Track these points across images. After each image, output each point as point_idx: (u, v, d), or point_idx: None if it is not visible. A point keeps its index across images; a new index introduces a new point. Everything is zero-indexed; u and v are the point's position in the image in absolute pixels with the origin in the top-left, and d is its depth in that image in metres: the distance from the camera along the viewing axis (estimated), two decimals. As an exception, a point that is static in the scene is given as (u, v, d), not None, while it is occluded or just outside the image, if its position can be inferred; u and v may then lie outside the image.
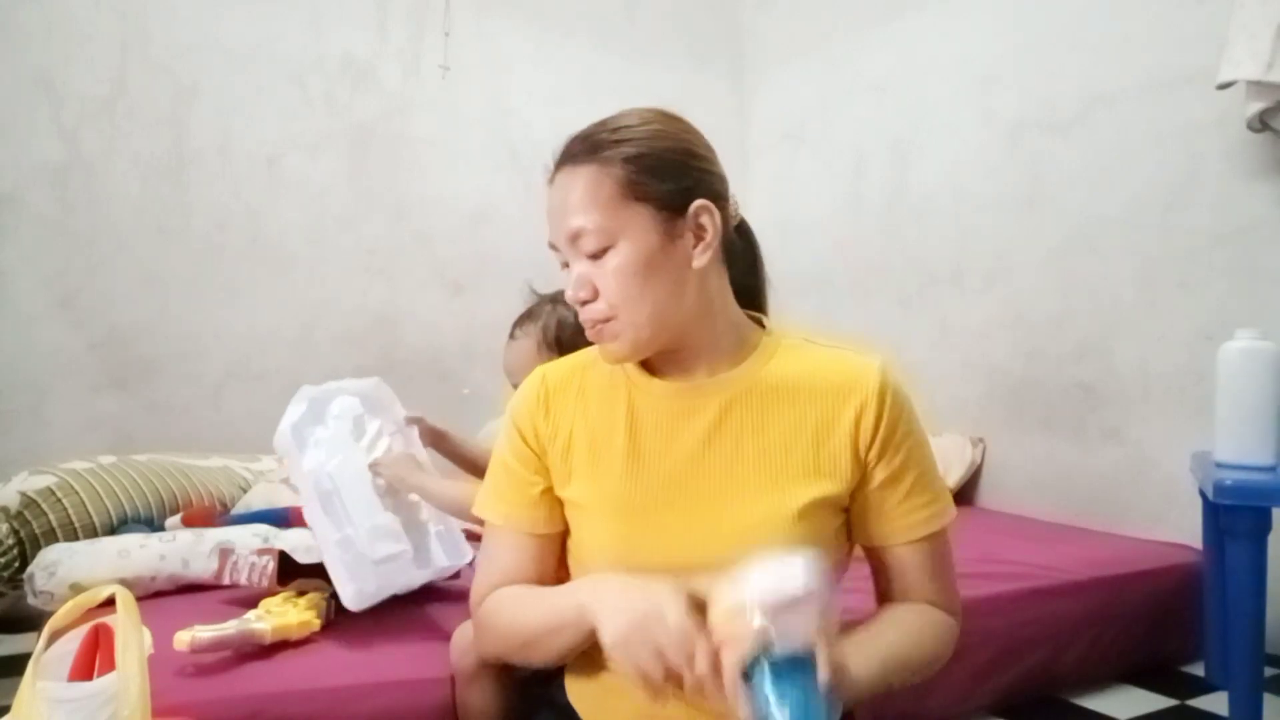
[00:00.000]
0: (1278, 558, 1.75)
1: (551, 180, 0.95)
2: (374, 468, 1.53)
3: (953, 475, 2.79)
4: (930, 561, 0.94)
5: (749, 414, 0.93)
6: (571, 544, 0.98)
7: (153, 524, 2.08)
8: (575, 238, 0.91)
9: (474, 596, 1.00)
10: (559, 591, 0.92)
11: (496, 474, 1.01)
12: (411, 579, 1.53)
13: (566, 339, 1.42)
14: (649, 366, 0.98)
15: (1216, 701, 1.89)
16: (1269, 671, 1.89)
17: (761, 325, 1.01)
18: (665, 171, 0.91)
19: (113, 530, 2.00)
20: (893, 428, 0.92)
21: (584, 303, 0.93)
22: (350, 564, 1.41)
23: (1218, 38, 2.11)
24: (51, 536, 1.92)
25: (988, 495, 2.86)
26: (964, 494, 2.85)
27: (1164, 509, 2.37)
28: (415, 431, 1.66)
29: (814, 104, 3.42)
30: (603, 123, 0.95)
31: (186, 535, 1.89)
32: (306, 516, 1.45)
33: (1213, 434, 1.80)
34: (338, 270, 2.98)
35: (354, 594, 1.41)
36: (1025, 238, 2.75)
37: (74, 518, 1.97)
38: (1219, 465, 1.76)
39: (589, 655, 0.97)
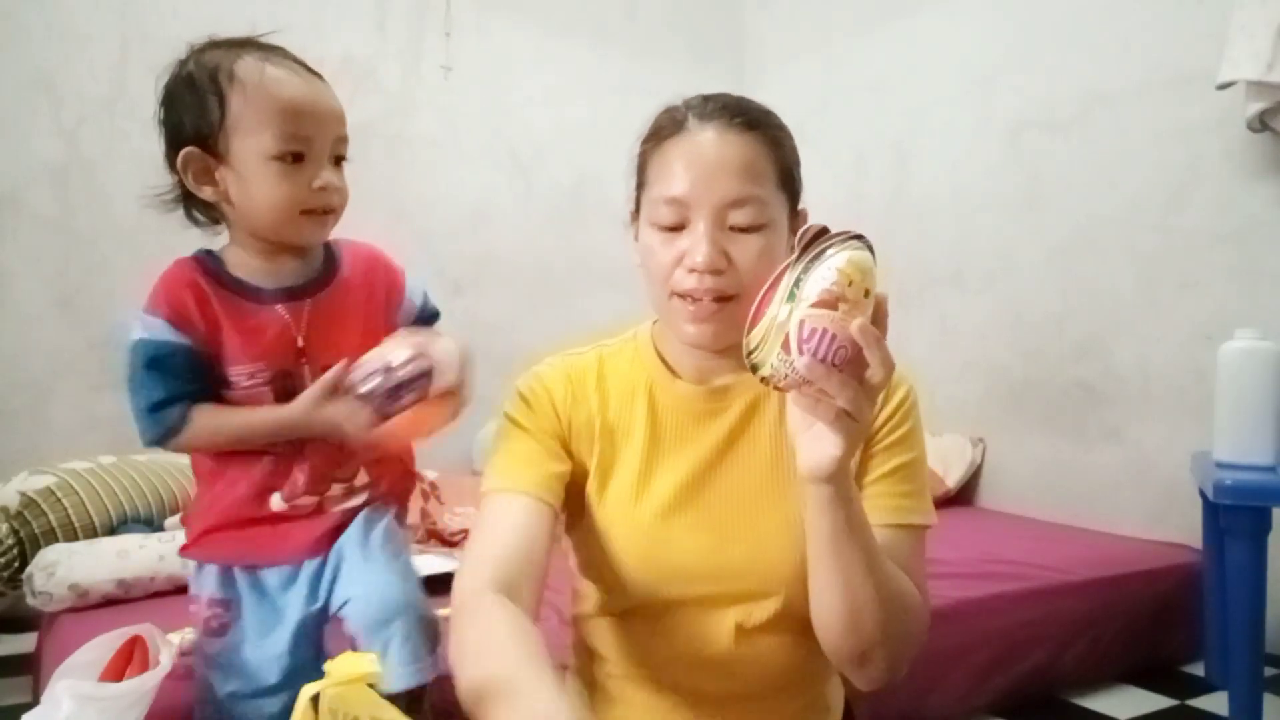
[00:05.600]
0: (1278, 558, 1.75)
1: (683, 128, 0.87)
2: None
3: (953, 475, 2.79)
4: (900, 555, 0.86)
5: (769, 416, 0.92)
6: (581, 541, 0.95)
7: (153, 524, 2.08)
8: (737, 204, 0.84)
9: (464, 580, 0.81)
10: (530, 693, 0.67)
11: (513, 446, 0.92)
12: None
13: None
14: (670, 366, 0.95)
15: (1216, 701, 1.89)
16: (1269, 671, 1.89)
17: None
18: (798, 173, 0.92)
19: (112, 530, 2.00)
20: (895, 409, 0.90)
21: (717, 273, 0.84)
22: None
23: (1218, 38, 2.10)
24: (51, 536, 1.92)
25: (988, 495, 2.86)
26: (964, 494, 2.85)
27: (1164, 509, 2.37)
28: None
29: (814, 104, 3.42)
30: (744, 100, 0.90)
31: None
32: None
33: (1213, 434, 1.80)
34: (338, 270, 2.98)
35: None
36: (1025, 238, 2.75)
37: (74, 518, 1.97)
38: (1219, 465, 1.76)
39: (589, 667, 0.97)
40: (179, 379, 0.99)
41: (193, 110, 0.99)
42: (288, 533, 1.03)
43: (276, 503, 1.03)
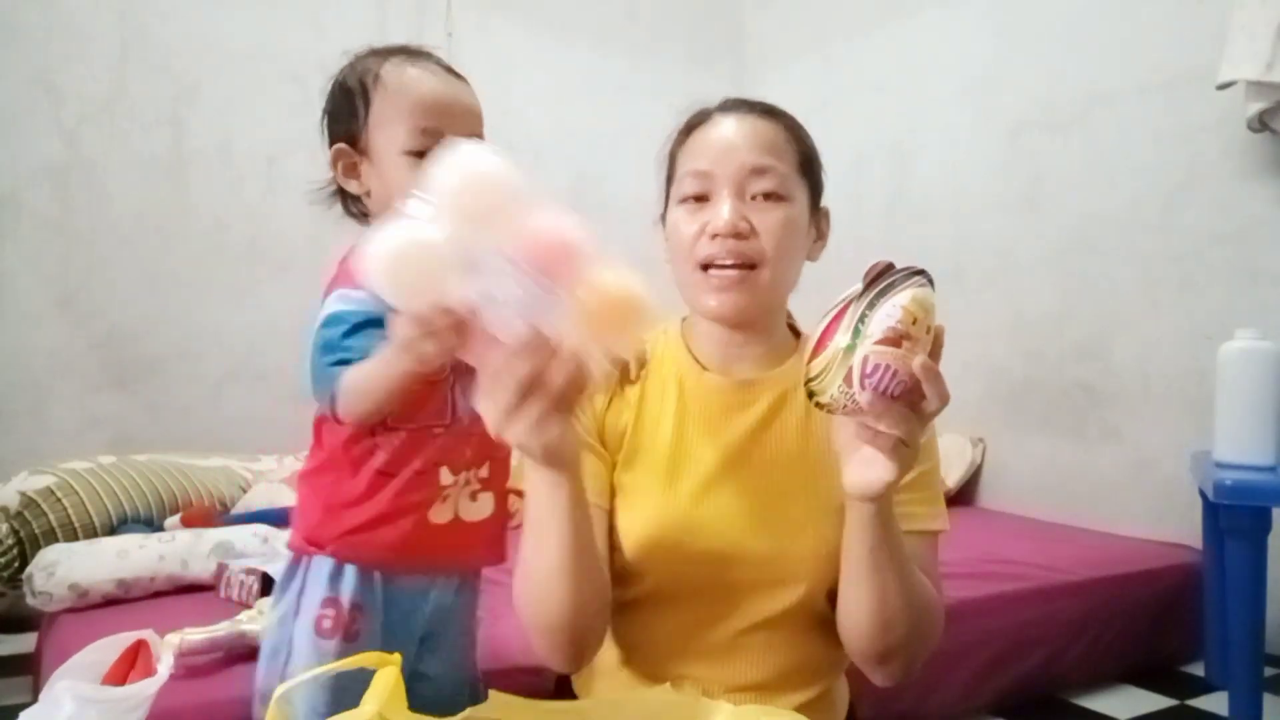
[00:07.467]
0: (1278, 558, 1.75)
1: (708, 119, 0.94)
2: None
3: (953, 475, 2.79)
4: (921, 559, 0.90)
5: (796, 410, 0.94)
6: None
7: (152, 524, 2.08)
8: (757, 172, 0.89)
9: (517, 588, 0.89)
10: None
11: None
12: None
13: None
14: (699, 359, 0.97)
15: (1216, 701, 1.89)
16: (1269, 671, 1.89)
17: (794, 326, 1.03)
18: (818, 168, 0.98)
19: (112, 530, 2.00)
20: None
21: (740, 236, 0.88)
22: None
23: (1218, 38, 2.10)
24: (51, 536, 1.92)
25: (988, 495, 2.86)
26: (964, 494, 2.85)
27: (1164, 509, 2.37)
28: None
29: (814, 104, 3.41)
30: (764, 101, 0.97)
31: (186, 536, 1.89)
32: None
33: (1213, 434, 1.81)
34: (338, 270, 2.98)
35: None
36: (1025, 238, 2.75)
37: (74, 518, 1.97)
38: (1219, 465, 1.76)
39: (600, 664, 0.97)
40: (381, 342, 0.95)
41: (344, 111, 1.06)
42: (431, 541, 1.02)
43: (446, 476, 1.02)
